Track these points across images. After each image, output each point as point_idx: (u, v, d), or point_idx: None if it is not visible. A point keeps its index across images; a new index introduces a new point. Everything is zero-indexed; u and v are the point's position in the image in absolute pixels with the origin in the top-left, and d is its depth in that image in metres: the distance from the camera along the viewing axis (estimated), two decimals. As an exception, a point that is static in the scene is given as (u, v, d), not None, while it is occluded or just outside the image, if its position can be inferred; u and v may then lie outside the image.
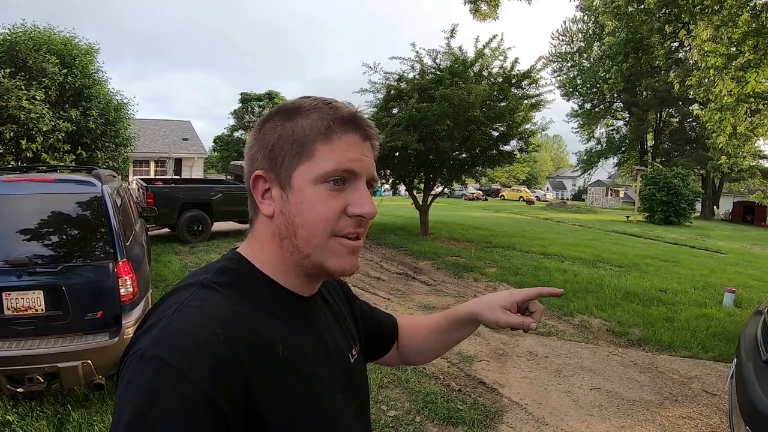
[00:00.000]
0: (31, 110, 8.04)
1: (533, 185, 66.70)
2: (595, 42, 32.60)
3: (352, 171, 0.66)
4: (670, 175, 23.76)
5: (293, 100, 0.71)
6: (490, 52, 10.89)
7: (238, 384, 0.55)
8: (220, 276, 0.65)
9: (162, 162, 20.85)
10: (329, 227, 0.65)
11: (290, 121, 0.67)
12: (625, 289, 7.11)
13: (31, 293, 3.08)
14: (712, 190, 34.51)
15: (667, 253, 11.99)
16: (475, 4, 6.98)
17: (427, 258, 9.27)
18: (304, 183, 0.65)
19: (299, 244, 0.66)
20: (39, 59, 8.55)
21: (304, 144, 0.65)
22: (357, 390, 0.79)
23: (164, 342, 0.55)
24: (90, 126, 9.22)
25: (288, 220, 0.66)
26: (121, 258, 3.34)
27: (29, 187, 3.46)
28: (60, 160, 8.72)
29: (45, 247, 3.25)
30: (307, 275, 0.70)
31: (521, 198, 42.70)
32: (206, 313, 0.58)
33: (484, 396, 3.64)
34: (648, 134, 37.78)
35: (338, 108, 0.68)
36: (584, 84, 36.92)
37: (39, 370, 2.96)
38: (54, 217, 3.39)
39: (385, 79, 11.46)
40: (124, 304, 3.27)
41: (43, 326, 3.08)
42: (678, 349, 4.87)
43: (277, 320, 0.66)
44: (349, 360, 0.79)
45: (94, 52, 9.91)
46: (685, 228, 22.36)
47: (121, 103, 10.63)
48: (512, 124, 11.23)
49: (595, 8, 22.35)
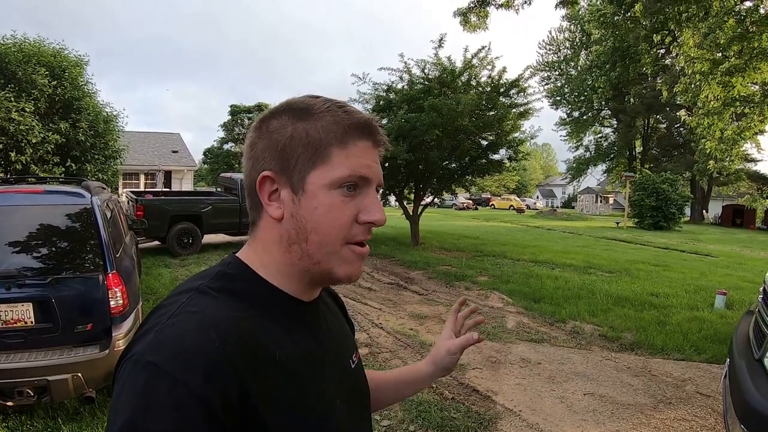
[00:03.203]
0: (21, 122, 8.02)
1: (523, 194, 67.15)
2: (582, 51, 33.08)
3: (365, 177, 0.66)
4: (658, 180, 24.04)
5: (302, 99, 0.69)
6: (478, 61, 11.01)
7: (234, 389, 0.54)
8: (216, 281, 0.64)
9: (152, 174, 20.74)
10: (342, 234, 0.65)
11: (302, 121, 0.65)
12: (617, 294, 7.15)
13: (20, 306, 3.04)
14: (701, 194, 34.92)
15: (657, 258, 12.10)
16: (465, 17, 7.06)
17: (419, 267, 9.27)
18: (318, 187, 0.64)
19: (310, 250, 0.65)
20: (29, 71, 8.54)
21: (319, 147, 0.64)
22: (357, 396, 0.78)
23: (159, 347, 0.54)
24: (79, 138, 9.19)
25: (299, 225, 0.64)
26: (111, 270, 3.31)
27: (18, 198, 3.44)
28: (49, 172, 8.67)
29: (34, 259, 3.22)
30: (313, 281, 0.69)
31: (511, 207, 42.95)
32: (201, 319, 0.57)
33: (478, 404, 3.63)
34: (636, 140, 38.24)
35: (353, 113, 0.67)
36: (572, 92, 37.43)
37: (29, 384, 2.92)
38: (43, 228, 3.37)
39: (374, 90, 11.54)
40: (115, 316, 3.23)
41: (33, 339, 3.04)
42: (671, 352, 4.90)
43: (276, 325, 0.64)
44: (349, 366, 0.79)
45: (84, 64, 9.91)
46: (675, 232, 22.59)
47: (111, 115, 10.62)
48: (501, 132, 11.34)
49: (582, 17, 22.69)
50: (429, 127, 9.73)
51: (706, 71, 7.31)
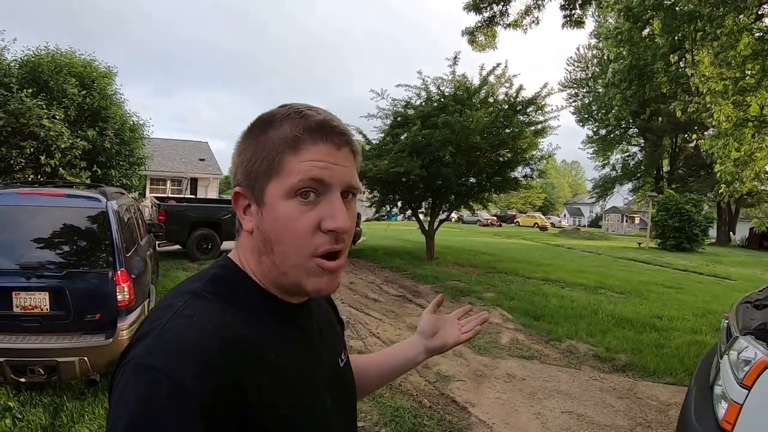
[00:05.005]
0: (51, 128, 8.52)
1: (550, 211, 66.27)
2: (609, 68, 32.70)
3: (320, 180, 0.63)
4: (682, 201, 23.51)
5: (270, 110, 0.68)
6: (495, 79, 11.15)
7: (231, 391, 0.56)
8: (212, 285, 0.66)
9: (178, 181, 21.42)
10: (304, 245, 0.64)
11: (264, 134, 0.65)
12: (620, 315, 7.07)
13: (38, 294, 3.43)
14: (727, 215, 33.90)
15: (673, 280, 11.89)
16: (472, 35, 7.23)
17: (428, 282, 9.36)
18: (275, 199, 0.63)
19: (276, 261, 0.66)
20: (60, 81, 9.08)
21: (273, 157, 0.63)
22: (346, 393, 0.81)
23: (157, 351, 0.56)
24: (105, 145, 9.70)
25: (264, 237, 0.65)
26: (120, 267, 3.64)
27: (42, 200, 3.82)
28: (77, 176, 9.17)
29: (53, 254, 3.61)
30: (287, 291, 0.69)
31: (536, 224, 42.55)
32: (198, 322, 0.59)
33: (453, 414, 3.70)
34: (664, 160, 37.50)
35: (308, 116, 0.65)
36: (599, 110, 37.01)
37: (40, 363, 3.29)
38: (63, 227, 3.76)
39: (393, 106, 11.77)
40: (121, 309, 3.58)
41: (47, 324, 3.42)
42: (662, 376, 4.81)
43: (268, 327, 0.66)
44: (338, 364, 0.81)
45: (113, 74, 10.45)
46: (697, 254, 22.00)
47: (137, 124, 11.12)
48: (517, 150, 11.39)
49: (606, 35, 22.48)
50: (443, 144, 9.88)
51: (720, 90, 7.26)
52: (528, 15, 7.03)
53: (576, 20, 6.99)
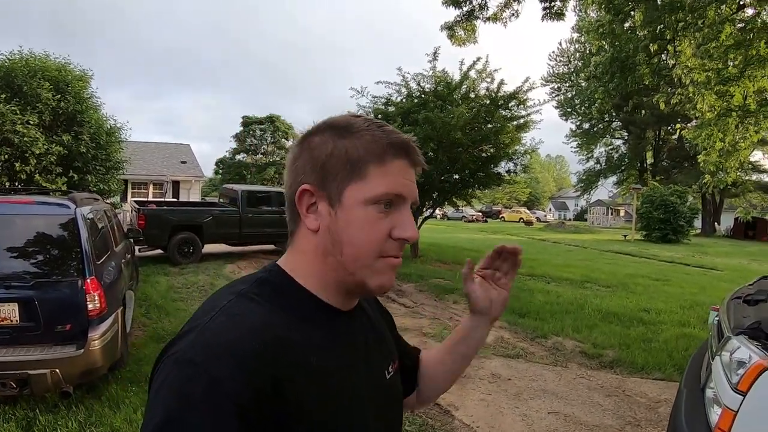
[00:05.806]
0: (25, 134, 8.32)
1: (536, 206, 66.65)
2: (591, 61, 32.95)
3: (401, 195, 0.68)
4: (666, 192, 23.81)
5: (344, 117, 0.72)
6: (476, 74, 11.10)
7: (269, 392, 0.56)
8: (257, 287, 0.67)
9: (159, 184, 21.11)
10: (377, 249, 0.67)
11: (342, 138, 0.68)
12: (607, 309, 7.03)
13: (6, 305, 3.29)
14: (712, 206, 34.41)
15: (659, 272, 11.97)
16: (452, 30, 7.12)
17: (412, 280, 9.22)
18: (354, 203, 0.66)
19: (345, 262, 0.67)
20: (34, 85, 8.86)
21: (357, 164, 0.67)
22: (390, 407, 0.79)
23: (199, 347, 0.57)
24: (81, 150, 9.48)
25: (335, 238, 0.67)
26: (90, 276, 3.50)
27: (9, 207, 3.68)
28: (53, 183, 8.97)
29: (21, 264, 3.48)
30: (348, 291, 0.71)
31: (521, 219, 42.77)
32: (241, 322, 0.60)
33: (435, 418, 3.58)
34: (647, 152, 37.93)
35: (392, 132, 0.69)
36: (582, 104, 37.32)
37: (11, 376, 3.16)
38: (31, 236, 3.61)
39: (373, 103, 11.68)
40: (92, 318, 3.45)
41: (17, 336, 3.29)
42: (651, 371, 4.73)
43: (313, 332, 0.66)
44: (385, 376, 0.79)
45: (88, 77, 10.22)
46: (683, 245, 22.30)
47: (114, 127, 10.90)
48: (500, 145, 11.36)
49: (587, 28, 22.62)
50: (424, 141, 9.80)
51: (703, 81, 7.27)
52: (508, 8, 6.95)
53: (556, 12, 6.93)
